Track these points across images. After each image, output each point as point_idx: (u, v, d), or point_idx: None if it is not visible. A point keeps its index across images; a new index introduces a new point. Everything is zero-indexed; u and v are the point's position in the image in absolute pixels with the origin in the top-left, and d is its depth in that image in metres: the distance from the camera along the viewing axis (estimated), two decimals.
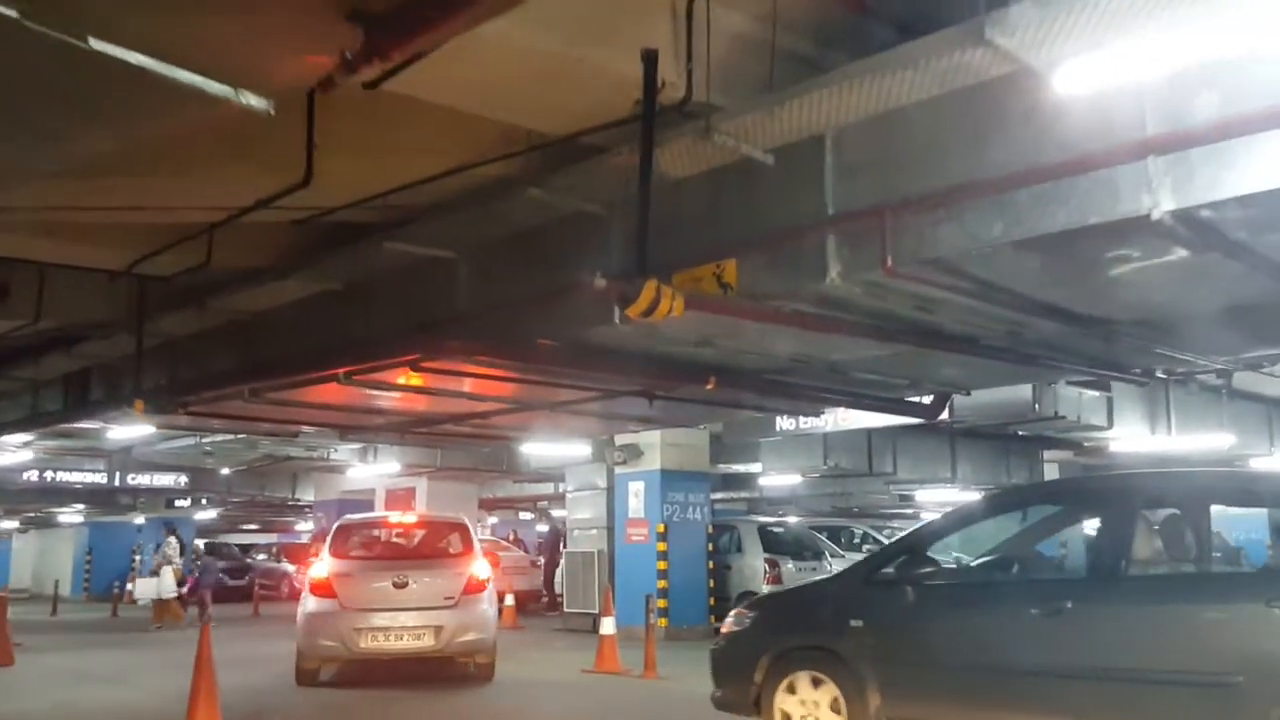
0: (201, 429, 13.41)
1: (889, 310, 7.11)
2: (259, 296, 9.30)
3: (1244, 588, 5.12)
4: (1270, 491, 5.84)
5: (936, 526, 6.47)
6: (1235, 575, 5.42)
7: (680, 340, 7.84)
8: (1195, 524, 5.59)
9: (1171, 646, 4.93)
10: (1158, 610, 5.07)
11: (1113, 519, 5.53)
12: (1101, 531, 5.59)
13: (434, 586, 10.45)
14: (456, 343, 7.55)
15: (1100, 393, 14.51)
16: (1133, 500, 5.58)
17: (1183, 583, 5.33)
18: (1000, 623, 5.55)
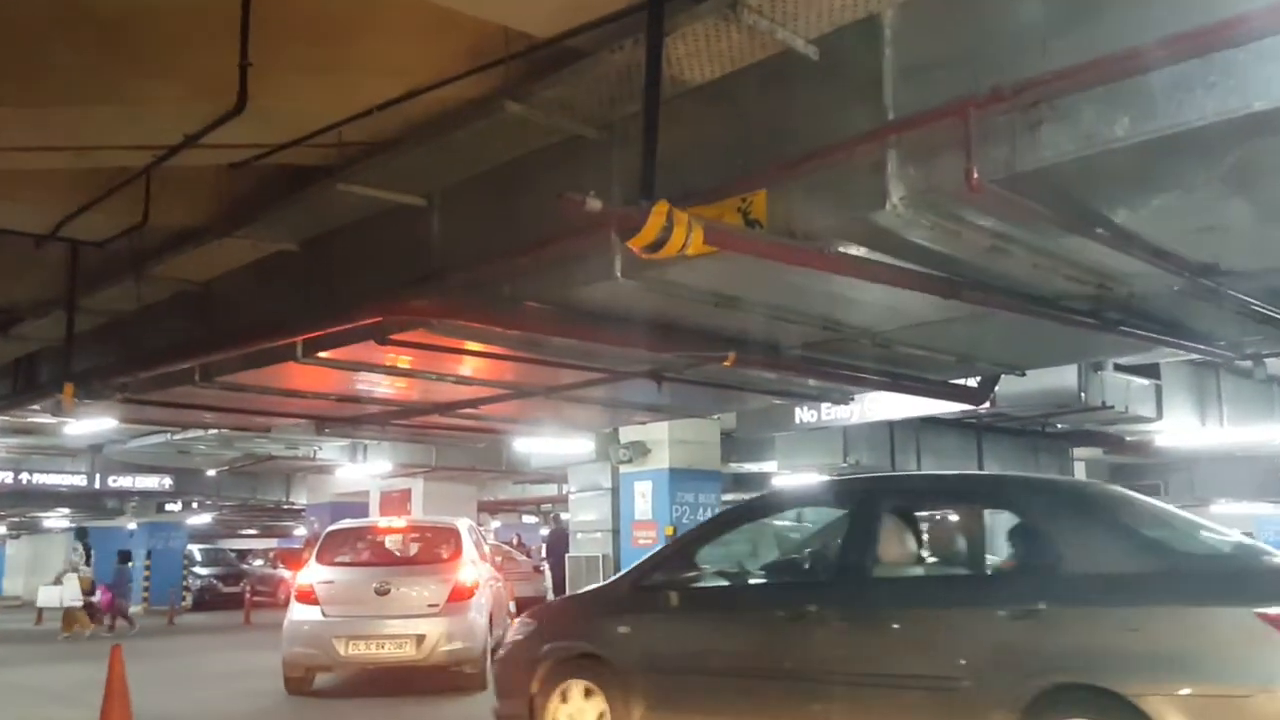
0: (149, 421, 11.96)
1: (955, 256, 5.61)
2: (204, 260, 7.84)
3: (974, 591, 4.84)
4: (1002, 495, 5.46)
5: (702, 531, 6.24)
6: (969, 578, 5.01)
7: (694, 300, 6.33)
8: (947, 526, 5.40)
9: (905, 650, 4.78)
10: (893, 614, 4.92)
11: (859, 521, 5.31)
12: (848, 534, 5.33)
13: (417, 593, 9.69)
14: (422, 302, 6.05)
15: (1149, 380, 12.99)
16: (879, 502, 5.37)
17: (918, 586, 5.13)
18: (752, 628, 5.35)
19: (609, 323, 6.77)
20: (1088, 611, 4.32)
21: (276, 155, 6.60)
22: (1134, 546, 4.59)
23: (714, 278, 5.98)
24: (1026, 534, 4.89)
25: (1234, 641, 3.98)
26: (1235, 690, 3.92)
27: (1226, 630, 4.02)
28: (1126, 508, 5.18)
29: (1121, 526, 4.78)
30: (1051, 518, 4.80)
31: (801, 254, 5.08)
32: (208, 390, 9.17)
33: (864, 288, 6.05)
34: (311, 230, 7.32)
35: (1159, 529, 4.92)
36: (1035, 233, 5.25)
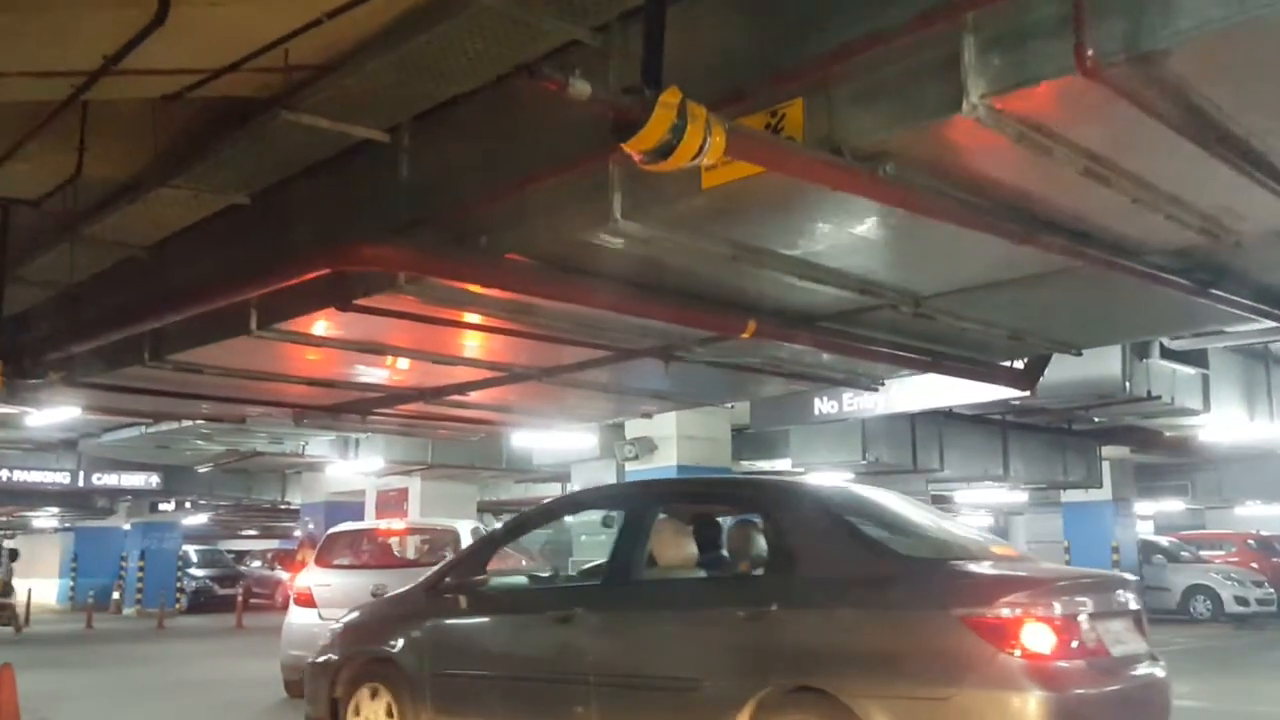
0: (111, 410, 10.82)
1: (1034, 190, 4.47)
2: (147, 219, 6.72)
3: (716, 593, 4.78)
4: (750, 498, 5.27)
5: (493, 535, 6.13)
6: (713, 581, 4.95)
7: (708, 251, 5.17)
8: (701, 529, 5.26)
9: (654, 652, 4.76)
10: (644, 616, 4.90)
11: (625, 524, 5.18)
12: (616, 537, 5.20)
13: None
14: (378, 250, 4.90)
15: (1196, 370, 11.80)
16: (644, 506, 5.24)
17: (668, 589, 5.01)
18: (527, 631, 5.27)
19: (607, 283, 5.62)
20: (811, 614, 4.28)
21: (214, 85, 5.48)
22: (859, 550, 4.45)
23: (733, 219, 4.82)
24: (768, 537, 4.76)
25: (938, 644, 3.91)
26: (939, 693, 3.83)
27: (932, 633, 3.95)
28: (868, 511, 5.02)
29: (852, 530, 4.59)
30: (789, 521, 4.68)
31: (850, 176, 3.92)
32: (161, 372, 8.04)
33: (914, 232, 4.88)
34: (262, 179, 6.18)
35: (892, 532, 4.84)
36: (1144, 152, 4.09)
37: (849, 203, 4.48)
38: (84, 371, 8.59)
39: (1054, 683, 3.76)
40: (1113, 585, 4.54)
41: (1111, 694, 3.97)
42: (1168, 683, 4.45)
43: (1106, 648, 4.02)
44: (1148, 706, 4.28)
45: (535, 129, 5.11)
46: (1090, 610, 4.05)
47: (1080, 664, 3.89)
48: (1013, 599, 3.85)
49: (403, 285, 5.73)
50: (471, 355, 7.85)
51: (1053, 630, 3.83)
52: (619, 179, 4.71)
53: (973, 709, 3.76)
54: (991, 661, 3.75)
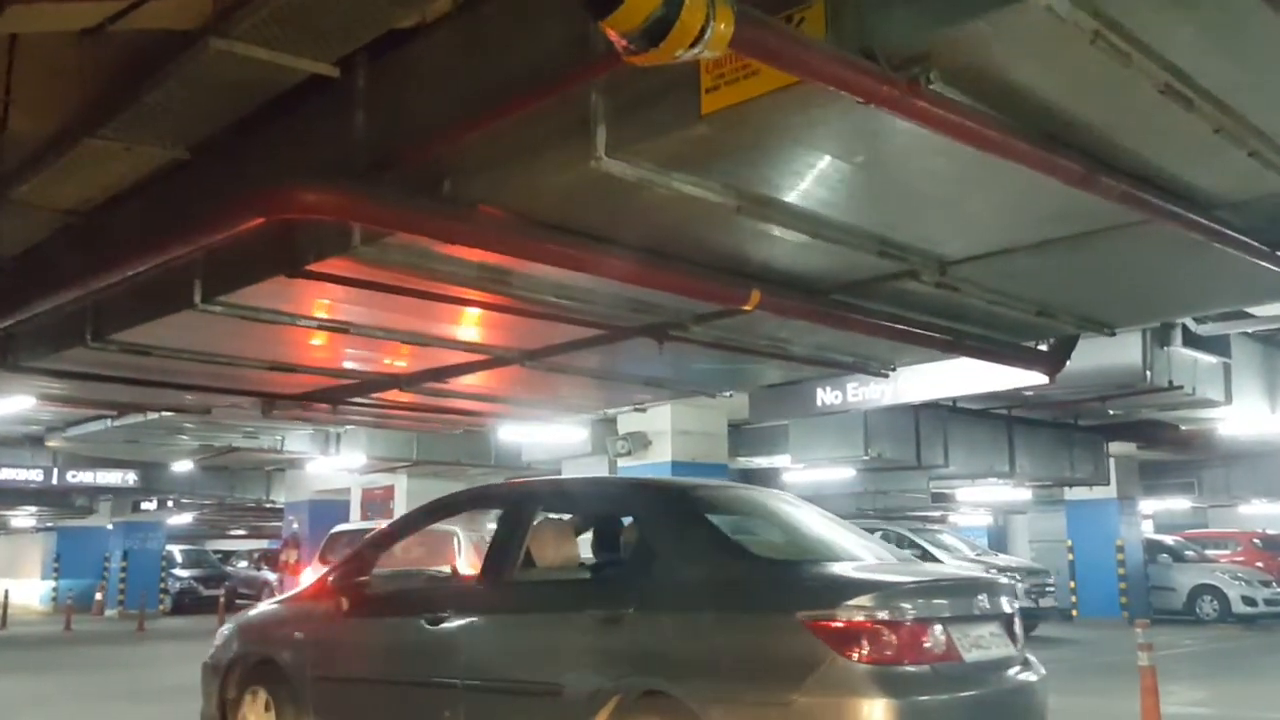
0: (63, 400, 10.01)
1: (1094, 120, 3.70)
2: (77, 175, 5.90)
3: (580, 595, 4.48)
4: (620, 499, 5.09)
5: (377, 536, 5.71)
6: (580, 583, 4.63)
7: (706, 201, 4.38)
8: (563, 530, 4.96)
9: (520, 655, 4.51)
10: (513, 619, 4.63)
11: (501, 525, 4.98)
12: (493, 539, 5.00)
13: None
14: (315, 195, 4.11)
15: (1218, 359, 11.05)
16: (520, 506, 4.98)
17: (536, 591, 4.72)
18: (403, 633, 4.94)
19: (590, 243, 4.83)
20: (663, 617, 4.10)
21: (137, 16, 4.69)
22: (715, 552, 4.22)
23: (737, 158, 4.04)
24: (634, 538, 4.57)
25: (782, 648, 3.75)
26: (781, 698, 3.66)
27: (775, 636, 3.79)
28: (740, 513, 4.96)
29: (710, 532, 4.34)
30: (651, 523, 4.50)
31: (886, 87, 3.13)
32: (107, 354, 7.25)
33: (949, 171, 4.11)
34: (201, 127, 5.37)
35: (759, 535, 4.79)
36: (1244, 64, 3.33)
37: (876, 131, 3.70)
38: (27, 355, 7.81)
39: (895, 688, 3.58)
40: (974, 589, 4.25)
41: (961, 700, 3.78)
42: (1038, 688, 4.23)
43: (959, 653, 3.81)
44: (1008, 712, 4.08)
45: (505, 60, 4.34)
46: (942, 614, 3.84)
47: (926, 669, 3.69)
48: (855, 602, 3.66)
49: (358, 247, 4.95)
50: (445, 334, 7.06)
51: (895, 634, 3.64)
52: (602, 109, 3.94)
53: (812, 715, 3.59)
54: (832, 666, 3.58)
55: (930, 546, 17.26)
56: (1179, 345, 10.31)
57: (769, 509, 5.04)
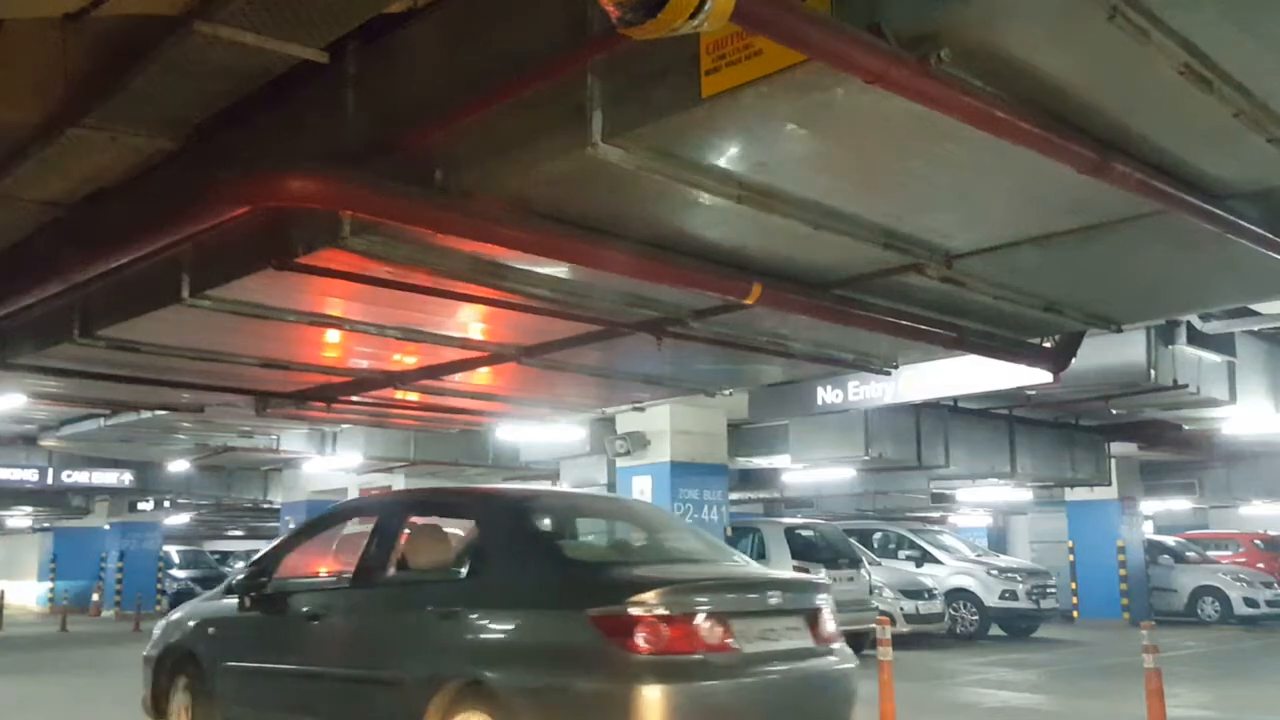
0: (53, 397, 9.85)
1: (1104, 105, 3.55)
2: (61, 165, 5.74)
3: (423, 595, 4.84)
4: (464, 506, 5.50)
5: (282, 541, 6.27)
6: (424, 584, 4.92)
7: (706, 189, 4.23)
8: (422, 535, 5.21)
9: (375, 649, 4.90)
10: (373, 616, 5.08)
11: (375, 531, 5.32)
12: (367, 543, 5.32)
13: None
14: (304, 180, 3.96)
15: (1222, 357, 10.90)
16: (391, 513, 5.40)
17: (389, 592, 5.10)
18: (288, 628, 5.41)
19: (586, 235, 4.69)
20: (486, 614, 4.47)
21: (124, 1, 4.54)
22: (535, 555, 4.71)
23: (739, 143, 3.89)
24: (474, 544, 4.98)
25: (572, 641, 4.11)
26: (569, 685, 4.07)
27: (567, 631, 4.15)
28: (573, 517, 5.45)
29: (535, 536, 4.87)
30: (488, 529, 4.93)
31: (893, 66, 2.98)
32: (95, 350, 7.10)
33: (959, 158, 3.97)
34: (188, 115, 5.22)
35: (583, 538, 5.37)
36: (1263, 42, 3.18)
37: (885, 115, 3.55)
38: (15, 352, 7.66)
39: (664, 675, 3.95)
40: (765, 587, 4.70)
41: (731, 684, 4.14)
42: (837, 675, 4.61)
43: (734, 644, 4.14)
44: (788, 694, 4.42)
45: (498, 43, 4.19)
46: (720, 609, 4.16)
47: (697, 658, 4.04)
48: (632, 600, 4.02)
49: (348, 238, 4.81)
50: (440, 330, 6.91)
51: (668, 628, 4.00)
52: (599, 93, 3.79)
53: (592, 700, 4.01)
54: (611, 656, 3.97)
55: (930, 547, 17.13)
56: (1184, 344, 10.15)
57: (614, 515, 5.72)
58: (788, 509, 21.89)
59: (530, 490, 6.43)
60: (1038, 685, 10.34)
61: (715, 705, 4.07)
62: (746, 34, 3.25)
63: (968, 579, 16.10)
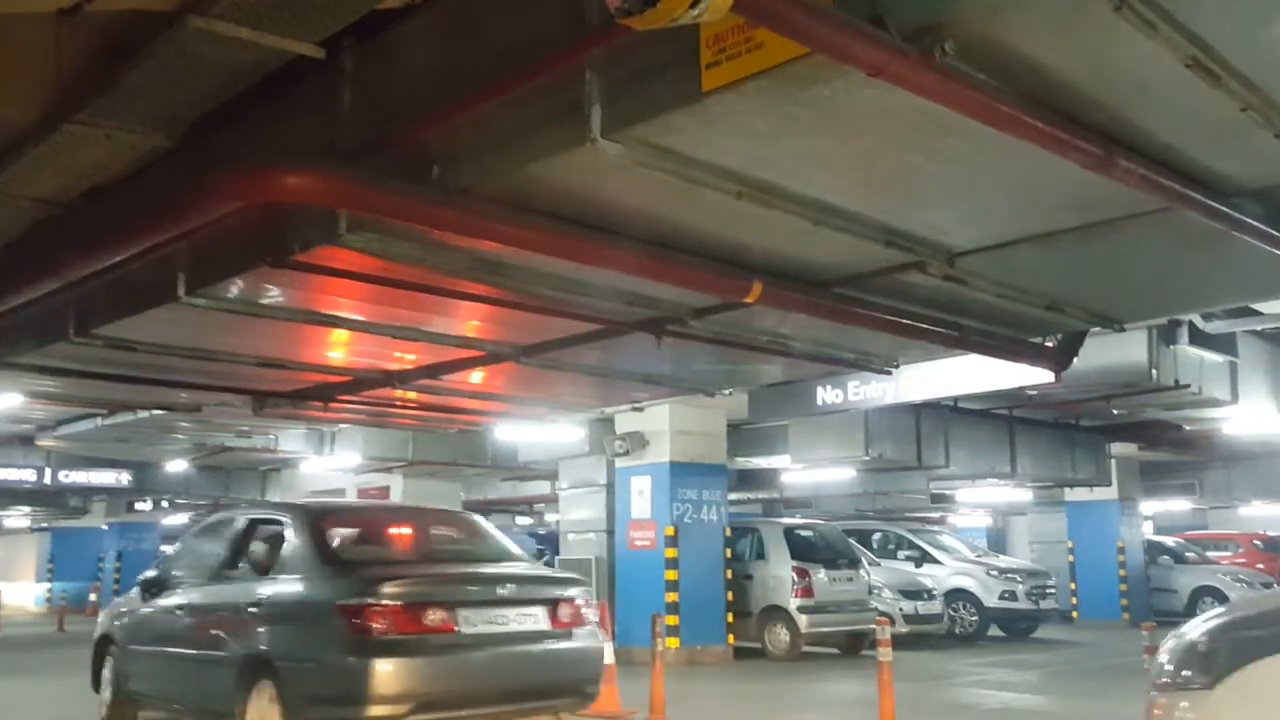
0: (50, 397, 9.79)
1: (1109, 100, 3.50)
2: (55, 162, 5.68)
3: (237, 591, 6.04)
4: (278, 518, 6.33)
5: (177, 546, 7.63)
6: (247, 580, 6.04)
7: (708, 189, 4.18)
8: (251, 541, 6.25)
9: (210, 632, 6.08)
10: (212, 607, 6.23)
11: (228, 538, 6.58)
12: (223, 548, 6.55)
13: None
14: (300, 175, 3.91)
15: (1224, 357, 10.85)
16: (234, 523, 6.69)
17: (226, 587, 6.25)
18: (164, 616, 6.67)
19: (584, 232, 4.64)
20: (278, 605, 5.61)
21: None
22: (317, 558, 5.71)
23: (738, 140, 3.85)
24: (278, 548, 5.91)
25: (327, 626, 5.19)
26: (321, 659, 5.19)
27: (322, 618, 5.23)
28: (349, 528, 6.48)
29: (322, 542, 5.89)
30: (290, 536, 5.91)
31: (897, 58, 2.93)
32: (92, 350, 7.05)
33: (961, 155, 3.92)
34: (184, 112, 5.16)
35: (365, 544, 6.38)
36: (1272, 35, 3.13)
37: (887, 109, 3.51)
38: (11, 351, 7.60)
39: (384, 651, 5.03)
40: (489, 582, 5.69)
41: (448, 659, 5.22)
42: (560, 653, 5.68)
43: (455, 627, 5.24)
44: (502, 666, 5.45)
45: (495, 38, 4.14)
46: (441, 600, 5.26)
47: (415, 638, 5.12)
48: (365, 593, 5.14)
49: (344, 235, 4.76)
50: (438, 329, 6.86)
51: (390, 614, 5.09)
52: (597, 88, 3.74)
53: (334, 670, 5.09)
54: (347, 637, 5.07)
55: (929, 548, 17.07)
56: (1185, 343, 10.10)
57: (412, 523, 6.71)
58: (787, 509, 21.81)
59: (332, 504, 7.91)
60: (1037, 686, 10.30)
61: (430, 673, 5.14)
62: (747, 26, 3.21)
63: (967, 579, 16.05)
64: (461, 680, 5.22)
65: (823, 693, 10.34)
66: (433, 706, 5.10)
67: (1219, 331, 10.10)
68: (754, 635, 13.49)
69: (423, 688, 5.07)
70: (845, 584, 13.99)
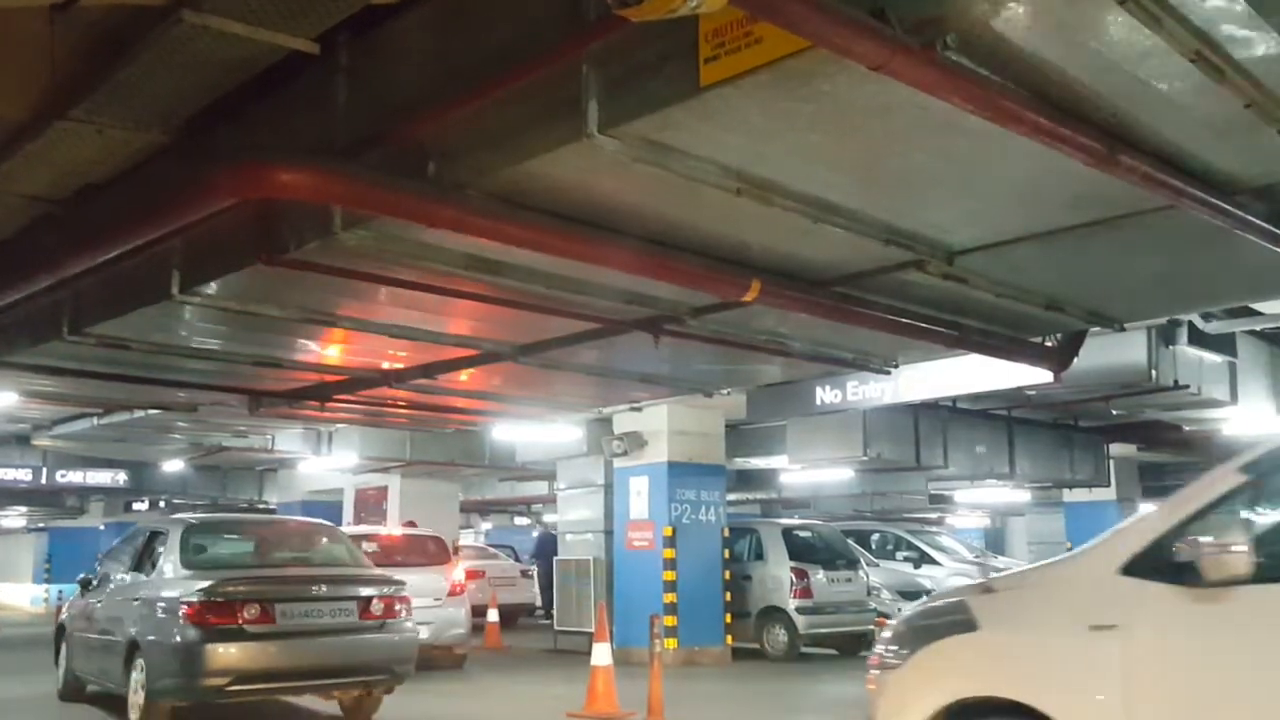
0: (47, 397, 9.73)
1: (1101, 91, 3.47)
2: (48, 159, 5.63)
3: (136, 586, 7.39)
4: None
5: (109, 550, 9.15)
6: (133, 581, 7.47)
7: (706, 186, 4.14)
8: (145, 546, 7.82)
9: (111, 620, 7.43)
10: (114, 600, 7.63)
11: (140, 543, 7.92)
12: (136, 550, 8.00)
13: None
14: (293, 171, 3.87)
15: (1223, 358, 10.81)
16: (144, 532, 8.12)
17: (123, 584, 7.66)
18: (92, 609, 8.00)
19: (582, 230, 4.59)
20: (150, 601, 6.89)
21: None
22: (185, 565, 6.94)
23: (738, 136, 3.81)
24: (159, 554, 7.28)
25: (178, 618, 6.48)
26: (166, 641, 6.53)
27: (175, 612, 6.51)
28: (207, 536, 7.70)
29: (194, 551, 7.19)
30: (169, 544, 7.17)
31: (898, 52, 2.89)
32: (86, 348, 7.01)
33: (959, 152, 3.89)
34: (179, 108, 5.11)
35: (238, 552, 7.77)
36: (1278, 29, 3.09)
37: (887, 105, 3.47)
38: (5, 349, 7.55)
39: (210, 636, 6.38)
40: (305, 582, 6.97)
41: (263, 644, 6.50)
42: (370, 641, 6.90)
43: (274, 619, 6.53)
44: (312, 651, 6.68)
45: (491, 33, 4.10)
46: (261, 597, 6.53)
47: (236, 627, 6.42)
48: (198, 591, 6.46)
49: (339, 233, 4.72)
50: (434, 328, 6.82)
51: (216, 609, 6.43)
52: (594, 83, 3.70)
53: (172, 651, 6.44)
54: (187, 625, 6.38)
55: (928, 548, 17.03)
56: (1185, 344, 10.05)
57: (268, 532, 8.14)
58: (785, 510, 21.77)
59: (208, 518, 9.00)
60: None
61: (248, 655, 6.40)
62: (747, 20, 3.17)
63: (966, 580, 16.00)
64: (276, 660, 6.49)
65: (821, 694, 10.30)
66: (250, 680, 6.41)
67: (1218, 332, 10.06)
68: (752, 636, 13.43)
69: (241, 665, 6.37)
70: (844, 585, 13.93)
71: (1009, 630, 3.29)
